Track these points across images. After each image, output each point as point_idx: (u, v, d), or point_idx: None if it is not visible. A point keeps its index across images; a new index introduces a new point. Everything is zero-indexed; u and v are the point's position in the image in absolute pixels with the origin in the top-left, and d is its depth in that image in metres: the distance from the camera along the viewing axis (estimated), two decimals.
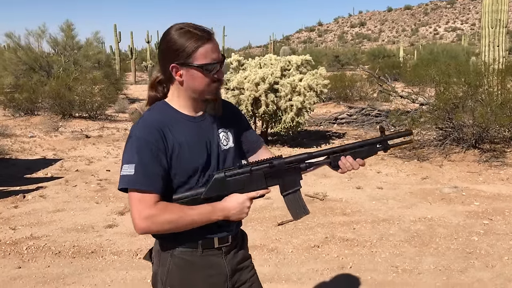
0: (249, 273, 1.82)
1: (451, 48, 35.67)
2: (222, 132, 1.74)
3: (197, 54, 1.56)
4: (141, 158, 1.54)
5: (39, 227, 4.99)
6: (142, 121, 1.62)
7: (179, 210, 1.56)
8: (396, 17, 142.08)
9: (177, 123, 1.63)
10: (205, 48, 1.57)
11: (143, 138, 1.56)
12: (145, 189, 1.53)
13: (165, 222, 1.54)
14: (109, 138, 10.57)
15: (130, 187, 1.54)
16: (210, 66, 1.58)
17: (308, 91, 8.89)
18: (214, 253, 1.70)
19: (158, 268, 1.71)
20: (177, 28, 1.59)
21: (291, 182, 1.72)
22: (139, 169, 1.53)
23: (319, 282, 3.72)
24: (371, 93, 16.49)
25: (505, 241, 4.41)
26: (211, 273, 1.69)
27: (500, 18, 9.18)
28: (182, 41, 1.56)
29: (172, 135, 1.60)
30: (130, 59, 34.92)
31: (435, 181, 6.55)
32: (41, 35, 17.42)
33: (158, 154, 1.55)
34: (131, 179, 1.53)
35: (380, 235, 4.62)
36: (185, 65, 1.58)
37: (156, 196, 1.55)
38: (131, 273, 3.91)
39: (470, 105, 7.75)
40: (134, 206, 1.54)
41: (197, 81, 1.60)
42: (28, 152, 8.97)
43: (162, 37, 1.63)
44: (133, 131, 1.59)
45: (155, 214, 1.53)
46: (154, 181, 1.55)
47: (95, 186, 6.60)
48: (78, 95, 13.45)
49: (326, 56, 45.18)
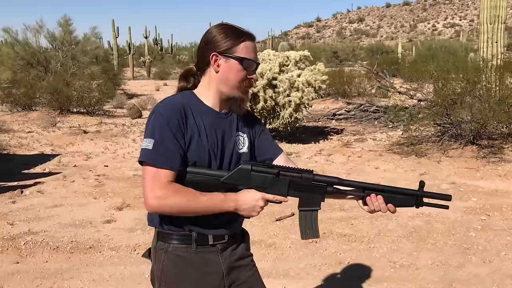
0: (248, 272, 1.80)
1: (450, 44, 35.73)
2: (240, 136, 1.74)
3: (239, 47, 1.62)
4: (161, 135, 1.55)
5: (37, 223, 4.98)
6: (167, 101, 1.65)
7: (191, 194, 1.55)
8: (395, 13, 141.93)
9: (200, 111, 1.65)
10: (248, 44, 1.64)
11: (165, 115, 1.57)
12: (160, 166, 1.54)
13: (176, 204, 1.54)
14: (107, 134, 10.55)
15: (147, 161, 1.55)
16: (249, 61, 1.63)
17: (307, 87, 8.88)
18: (209, 250, 1.68)
19: (154, 265, 1.72)
20: (222, 24, 1.67)
21: (312, 200, 1.66)
22: (157, 145, 1.55)
23: (317, 277, 3.73)
24: (369, 89, 16.49)
25: (502, 236, 4.43)
26: (206, 271, 1.68)
27: (499, 14, 9.17)
28: (228, 33, 1.64)
29: (194, 119, 1.62)
30: (128, 55, 34.80)
31: (433, 177, 6.56)
32: (39, 30, 17.36)
33: (178, 133, 1.57)
34: (149, 154, 1.54)
35: (378, 230, 4.63)
36: (226, 54, 1.62)
37: (171, 174, 1.55)
38: (129, 268, 3.91)
39: (468, 101, 7.76)
40: (147, 182, 1.54)
41: (233, 73, 1.63)
42: (26, 148, 8.95)
43: (206, 32, 1.68)
44: (157, 108, 1.61)
45: (167, 195, 1.52)
46: (171, 158, 1.55)
47: (93, 182, 6.60)
48: (76, 91, 13.40)
49: (325, 52, 45.13)
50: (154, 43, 52.94)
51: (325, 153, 8.38)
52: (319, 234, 1.70)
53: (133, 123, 12.37)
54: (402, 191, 1.68)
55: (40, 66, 16.63)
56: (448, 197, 1.70)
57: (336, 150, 8.60)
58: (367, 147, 8.66)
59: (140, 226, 4.84)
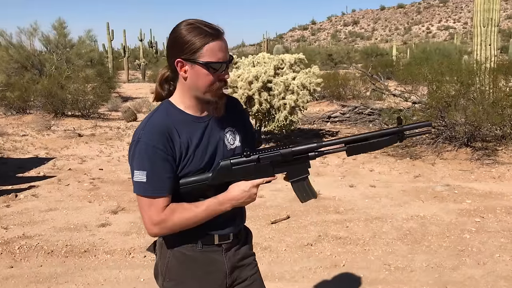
0: (250, 271, 1.82)
1: (444, 46, 35.84)
2: (229, 132, 1.73)
3: (203, 51, 1.53)
4: (152, 166, 1.54)
5: (32, 226, 4.96)
6: (149, 126, 1.59)
7: (187, 210, 1.59)
8: (389, 16, 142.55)
9: (183, 124, 1.62)
10: (212, 45, 1.54)
11: (151, 144, 1.54)
12: (156, 195, 1.56)
13: (175, 225, 1.59)
14: (102, 137, 10.52)
15: (143, 194, 1.57)
16: (215, 64, 1.55)
17: (302, 90, 8.90)
18: (214, 249, 1.71)
19: (159, 260, 1.74)
20: (186, 23, 1.56)
21: (298, 170, 1.70)
22: (150, 176, 1.54)
23: (312, 280, 3.73)
24: (364, 91, 16.55)
25: (496, 238, 4.45)
26: (210, 270, 1.71)
27: (492, 17, 9.23)
28: (190, 36, 1.53)
29: (179, 138, 1.59)
30: (123, 57, 34.80)
31: (428, 179, 6.59)
32: (33, 33, 17.32)
33: (167, 160, 1.56)
34: (144, 187, 1.55)
35: (373, 233, 4.64)
36: (190, 60, 1.55)
37: (166, 200, 1.58)
38: (124, 272, 3.90)
39: (463, 104, 7.80)
40: (145, 211, 1.58)
41: (201, 79, 1.57)
42: (20, 151, 8.92)
43: (171, 32, 1.60)
44: (142, 137, 1.56)
45: (165, 219, 1.57)
46: (165, 186, 1.57)
47: (88, 185, 6.58)
48: (70, 94, 13.37)
49: (320, 55, 45.23)
50: (149, 46, 52.95)
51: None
52: (316, 194, 1.76)
53: (128, 126, 12.34)
54: (383, 133, 1.68)
55: (34, 69, 16.59)
56: (427, 124, 1.72)
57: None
58: None
59: (135, 230, 4.83)
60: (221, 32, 1.57)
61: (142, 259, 4.14)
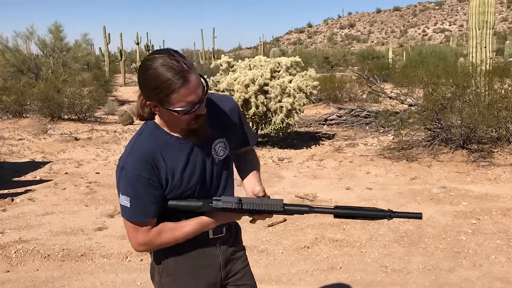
0: (241, 264, 1.89)
1: (440, 49, 35.99)
2: (219, 143, 1.71)
3: (171, 100, 1.48)
4: (135, 193, 1.57)
5: (28, 231, 4.95)
6: (134, 153, 1.58)
7: (173, 231, 1.64)
8: (385, 19, 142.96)
9: (169, 147, 1.61)
10: (179, 93, 1.46)
11: (136, 173, 1.55)
12: (140, 220, 1.60)
13: (162, 244, 1.65)
14: (98, 141, 10.51)
15: (129, 220, 1.61)
16: (186, 109, 1.49)
17: (298, 93, 8.92)
18: (208, 243, 1.76)
19: (155, 258, 1.78)
20: (153, 65, 1.46)
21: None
22: (134, 203, 1.58)
23: (309, 283, 3.74)
24: (360, 94, 16.58)
25: (492, 240, 4.46)
26: (205, 263, 1.76)
27: (487, 20, 9.27)
28: (156, 83, 1.46)
29: (165, 163, 1.59)
30: (119, 61, 34.79)
31: (424, 182, 6.61)
32: (29, 37, 17.34)
33: (152, 186, 1.58)
34: (129, 212, 1.59)
35: (370, 235, 4.65)
36: (161, 106, 1.51)
37: (151, 222, 1.63)
38: (121, 276, 3.90)
39: (458, 106, 7.83)
40: (130, 233, 1.65)
41: (175, 120, 1.56)
42: (16, 155, 8.90)
43: (139, 69, 1.53)
44: (125, 165, 1.56)
45: (151, 239, 1.63)
46: (149, 211, 1.60)
47: (84, 189, 6.57)
48: (67, 97, 13.37)
49: (316, 58, 45.29)
50: (146, 49, 52.86)
51: (316, 158, 8.41)
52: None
53: (125, 130, 12.34)
54: (373, 215, 1.68)
55: (30, 73, 16.59)
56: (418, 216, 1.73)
57: (328, 155, 8.63)
58: (358, 152, 8.70)
59: None
60: (188, 72, 1.46)
61: (139, 262, 4.14)
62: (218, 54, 39.58)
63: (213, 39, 46.04)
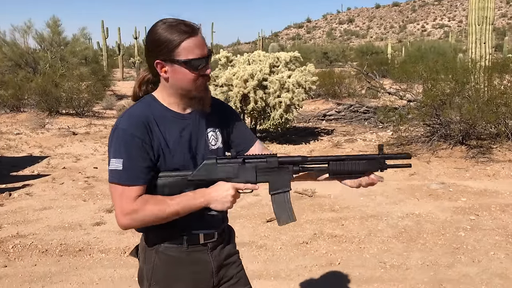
0: (235, 269, 1.81)
1: (439, 45, 35.96)
2: (211, 132, 1.70)
3: (180, 49, 1.51)
4: (128, 154, 1.52)
5: (26, 225, 4.93)
6: (128, 114, 1.58)
7: (160, 202, 1.54)
8: (384, 14, 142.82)
9: (164, 119, 1.60)
10: (189, 42, 1.51)
11: (129, 132, 1.53)
12: (131, 184, 1.52)
13: (147, 216, 1.53)
14: (96, 135, 10.49)
15: (119, 182, 1.53)
16: (194, 61, 1.52)
17: (297, 88, 8.90)
18: (199, 249, 1.68)
19: (143, 265, 1.71)
20: (161, 23, 1.54)
21: (281, 182, 1.65)
22: (126, 164, 1.52)
23: (307, 278, 3.73)
24: (359, 89, 16.57)
25: (491, 236, 4.46)
26: (196, 269, 1.68)
27: (487, 15, 9.25)
28: (165, 35, 1.51)
29: (159, 130, 1.58)
30: (117, 55, 34.71)
31: (423, 177, 6.60)
32: (27, 31, 17.26)
33: (144, 148, 1.53)
34: (120, 175, 1.52)
35: (368, 231, 4.64)
36: (169, 60, 1.53)
37: (140, 189, 1.54)
38: (119, 271, 3.89)
39: (457, 102, 7.82)
40: (117, 200, 1.54)
41: (182, 78, 1.55)
42: (14, 149, 8.87)
43: (147, 34, 1.59)
44: (120, 124, 1.56)
45: (137, 209, 1.52)
46: (141, 175, 1.53)
47: (82, 184, 6.55)
48: (65, 92, 13.32)
49: (315, 53, 45.28)
50: (144, 43, 52.73)
51: (315, 154, 8.40)
52: (295, 217, 1.69)
53: None
54: (365, 157, 1.68)
55: (28, 67, 16.52)
56: (406, 156, 1.71)
57: (327, 151, 8.62)
58: (357, 148, 8.69)
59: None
60: (196, 28, 1.54)
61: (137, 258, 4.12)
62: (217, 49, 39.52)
63: (212, 34, 45.92)
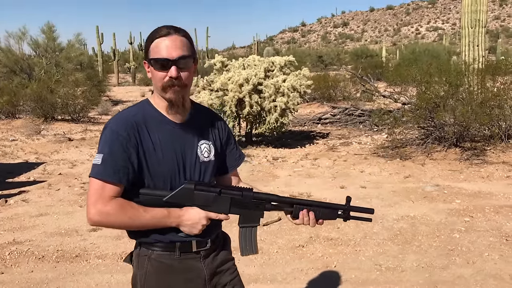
0: (229, 276, 1.82)
1: (433, 47, 36.07)
2: (204, 144, 1.73)
3: (150, 49, 1.60)
4: (110, 150, 1.54)
5: (22, 232, 4.93)
6: (119, 115, 1.63)
7: (133, 211, 1.55)
8: (379, 17, 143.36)
9: (156, 124, 1.63)
10: (157, 42, 1.58)
11: (116, 131, 1.56)
12: (107, 179, 1.53)
13: (117, 221, 1.55)
14: (92, 141, 10.48)
15: (96, 176, 1.54)
16: (158, 61, 1.57)
17: (292, 92, 8.93)
18: (192, 256, 1.69)
19: (137, 271, 1.72)
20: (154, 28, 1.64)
21: (252, 217, 1.72)
22: (106, 159, 1.54)
23: (304, 281, 3.75)
24: (354, 93, 16.64)
25: (485, 237, 4.49)
26: (189, 277, 1.69)
27: (479, 18, 9.34)
28: (147, 38, 1.62)
29: (148, 134, 1.60)
30: (112, 61, 34.67)
31: (418, 180, 6.64)
32: (22, 37, 17.24)
33: (128, 149, 1.55)
34: (97, 168, 1.54)
35: (364, 234, 4.67)
36: (147, 60, 1.62)
37: (117, 189, 1.55)
38: (116, 277, 3.89)
39: (451, 104, 7.87)
40: (91, 196, 1.54)
41: (154, 77, 1.61)
42: (10, 156, 8.86)
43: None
44: (109, 123, 1.60)
45: (109, 212, 1.53)
46: (119, 173, 1.54)
47: (78, 190, 6.55)
48: (60, 98, 13.31)
49: (310, 57, 45.39)
50: (139, 48, 52.71)
51: (311, 157, 8.43)
52: (257, 250, 1.78)
53: None
54: (329, 205, 1.79)
55: (23, 73, 16.50)
56: (370, 211, 1.82)
57: (322, 154, 8.66)
58: (352, 151, 8.73)
59: (127, 234, 4.81)
60: (172, 31, 1.59)
61: None
62: (212, 53, 39.55)
63: (207, 38, 45.97)
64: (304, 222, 1.74)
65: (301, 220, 1.74)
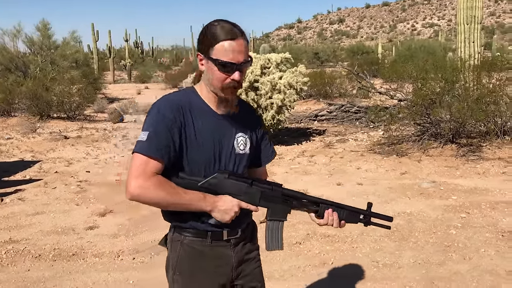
0: (253, 265, 1.90)
1: (429, 44, 36.15)
2: (241, 136, 1.78)
3: (216, 48, 1.61)
4: (155, 128, 1.60)
5: (18, 231, 4.92)
6: (166, 98, 1.69)
7: (172, 190, 1.60)
8: (374, 14, 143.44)
9: (199, 112, 1.69)
10: (225, 44, 1.60)
11: (162, 113, 1.62)
12: (151, 155, 1.58)
13: (156, 197, 1.59)
14: (88, 139, 10.45)
15: (140, 151, 1.59)
16: (224, 63, 1.61)
17: (288, 89, 8.93)
18: (223, 244, 1.76)
19: (170, 254, 1.79)
20: (217, 22, 1.64)
21: (280, 211, 1.77)
22: (151, 137, 1.59)
23: (301, 278, 3.76)
24: (350, 89, 16.63)
25: (481, 233, 4.51)
26: (218, 263, 1.77)
27: (475, 15, 9.35)
28: (210, 33, 1.62)
29: (192, 120, 1.66)
30: (108, 58, 34.53)
31: (414, 176, 6.66)
32: (17, 35, 17.15)
33: (172, 129, 1.61)
34: (142, 144, 1.59)
35: (361, 230, 4.67)
36: (206, 55, 1.64)
37: (159, 166, 1.60)
38: (113, 275, 3.89)
39: (447, 101, 7.89)
40: (134, 170, 1.58)
41: (212, 74, 1.64)
42: (5, 154, 8.82)
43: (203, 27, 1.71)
44: (156, 105, 1.66)
45: (149, 187, 1.57)
46: (162, 150, 1.59)
47: (75, 188, 6.53)
48: (56, 95, 13.25)
49: (306, 53, 45.37)
50: (135, 46, 52.67)
51: (307, 154, 8.44)
52: (283, 246, 1.84)
53: (115, 128, 12.27)
54: (353, 209, 1.85)
55: (18, 71, 16.41)
56: (390, 219, 1.92)
57: (319, 151, 8.66)
58: (349, 148, 8.75)
59: (124, 232, 4.81)
60: (238, 34, 1.62)
61: (131, 261, 4.13)
62: None
63: None
64: (328, 221, 1.80)
65: (326, 219, 1.80)
